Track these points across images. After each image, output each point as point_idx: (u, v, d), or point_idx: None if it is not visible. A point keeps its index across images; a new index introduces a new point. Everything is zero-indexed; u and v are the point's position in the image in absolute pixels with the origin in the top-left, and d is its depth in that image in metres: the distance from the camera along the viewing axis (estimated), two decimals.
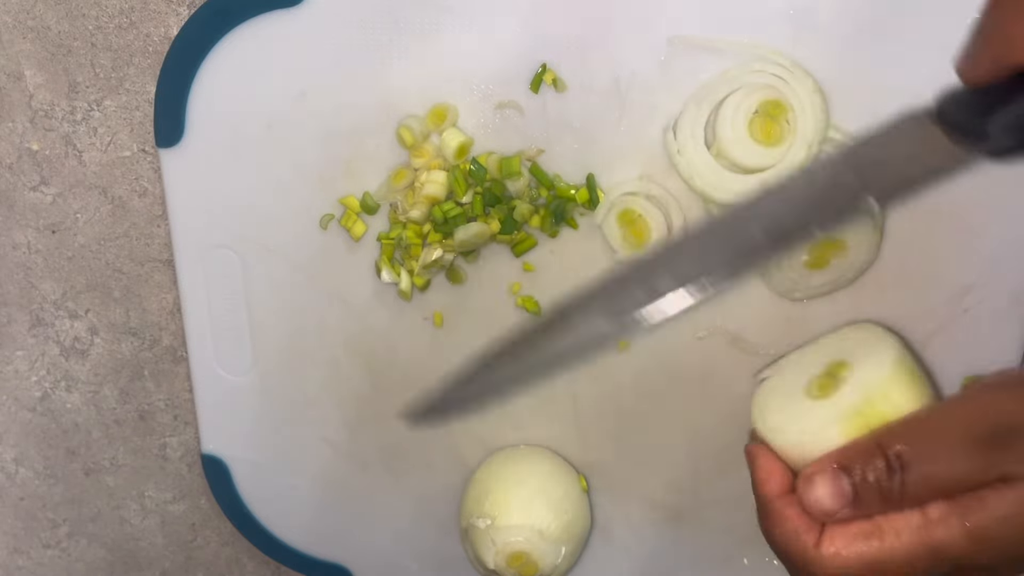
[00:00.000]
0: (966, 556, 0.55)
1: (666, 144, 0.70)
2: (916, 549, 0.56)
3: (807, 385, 0.69)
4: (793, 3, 0.66)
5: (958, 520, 0.55)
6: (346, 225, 0.76)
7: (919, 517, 0.56)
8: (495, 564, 0.77)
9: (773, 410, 0.68)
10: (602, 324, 0.58)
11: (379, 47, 0.71)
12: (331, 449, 0.85)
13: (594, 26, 0.69)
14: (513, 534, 0.76)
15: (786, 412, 0.67)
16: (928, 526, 0.56)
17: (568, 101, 0.71)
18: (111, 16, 0.76)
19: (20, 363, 0.91)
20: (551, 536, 0.77)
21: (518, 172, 0.72)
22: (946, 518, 0.55)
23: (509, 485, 0.79)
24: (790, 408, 0.68)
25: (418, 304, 0.78)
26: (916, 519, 0.56)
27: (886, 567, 0.56)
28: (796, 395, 0.69)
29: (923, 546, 0.55)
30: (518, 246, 0.75)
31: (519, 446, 0.82)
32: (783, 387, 0.71)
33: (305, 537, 0.89)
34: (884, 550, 0.56)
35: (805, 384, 0.69)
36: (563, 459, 0.81)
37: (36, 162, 0.82)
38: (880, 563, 0.56)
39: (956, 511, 0.55)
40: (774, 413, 0.68)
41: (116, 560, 0.99)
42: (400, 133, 0.72)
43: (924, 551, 0.55)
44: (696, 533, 0.82)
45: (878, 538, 0.56)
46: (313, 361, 0.82)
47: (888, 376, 0.66)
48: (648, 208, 0.72)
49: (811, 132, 0.68)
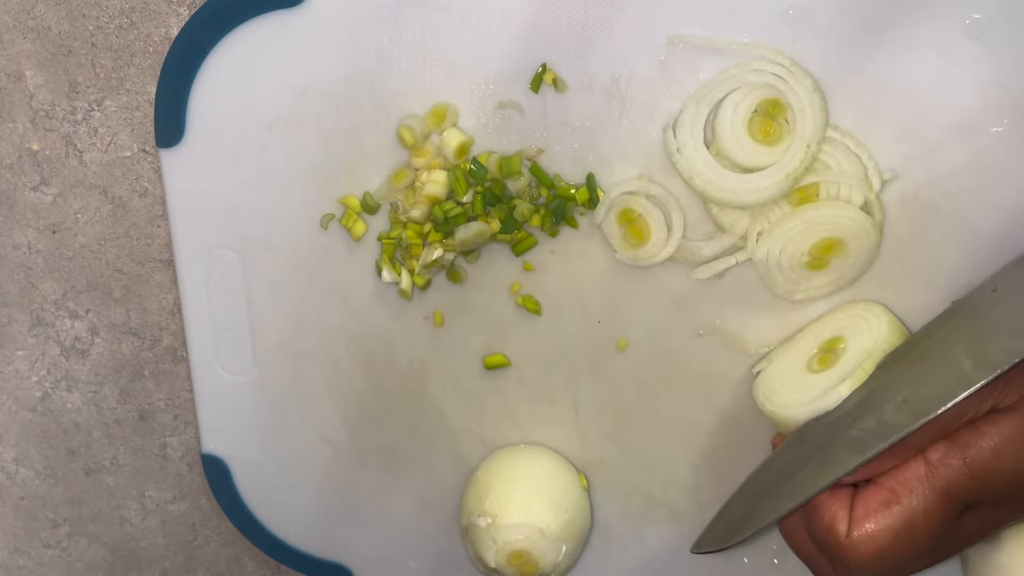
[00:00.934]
0: (971, 492, 0.57)
1: (666, 143, 0.70)
2: (929, 497, 0.56)
3: (807, 362, 0.70)
4: (793, 3, 0.66)
5: (958, 458, 0.56)
6: (347, 225, 0.76)
7: (923, 465, 0.57)
8: (496, 563, 0.77)
9: (779, 391, 0.69)
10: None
11: (379, 47, 0.71)
12: (331, 448, 0.85)
13: (594, 26, 0.69)
14: (514, 532, 0.76)
15: (792, 389, 0.68)
16: (932, 471, 0.56)
17: (568, 101, 0.71)
18: (112, 16, 0.76)
19: (20, 363, 0.91)
20: (552, 534, 0.77)
21: (518, 172, 0.72)
22: (946, 458, 0.56)
23: (509, 483, 0.79)
24: (795, 385, 0.68)
25: (418, 303, 0.78)
26: (921, 468, 0.57)
27: (913, 527, 0.57)
28: (798, 374, 0.70)
29: (933, 491, 0.56)
30: (518, 245, 0.75)
31: (520, 445, 0.82)
32: (782, 372, 0.72)
33: (305, 536, 0.89)
34: (905, 510, 0.57)
35: (804, 363, 0.70)
36: (563, 457, 0.82)
37: (36, 162, 0.82)
38: (907, 526, 0.57)
39: (954, 449, 0.56)
40: (781, 393, 0.69)
41: (116, 560, 0.99)
42: (400, 133, 0.72)
43: (935, 496, 0.56)
44: (696, 532, 0.82)
45: (896, 502, 0.57)
46: (313, 361, 0.82)
47: (886, 336, 0.67)
48: (648, 207, 0.72)
49: (810, 132, 0.68)
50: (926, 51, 0.66)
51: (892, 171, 0.69)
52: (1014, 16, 0.64)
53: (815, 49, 0.67)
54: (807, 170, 0.69)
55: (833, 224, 0.70)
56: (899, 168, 0.69)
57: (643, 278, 0.75)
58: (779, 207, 0.71)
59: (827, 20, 0.67)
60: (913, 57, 0.66)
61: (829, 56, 0.68)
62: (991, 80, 0.66)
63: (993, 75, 0.66)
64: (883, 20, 0.66)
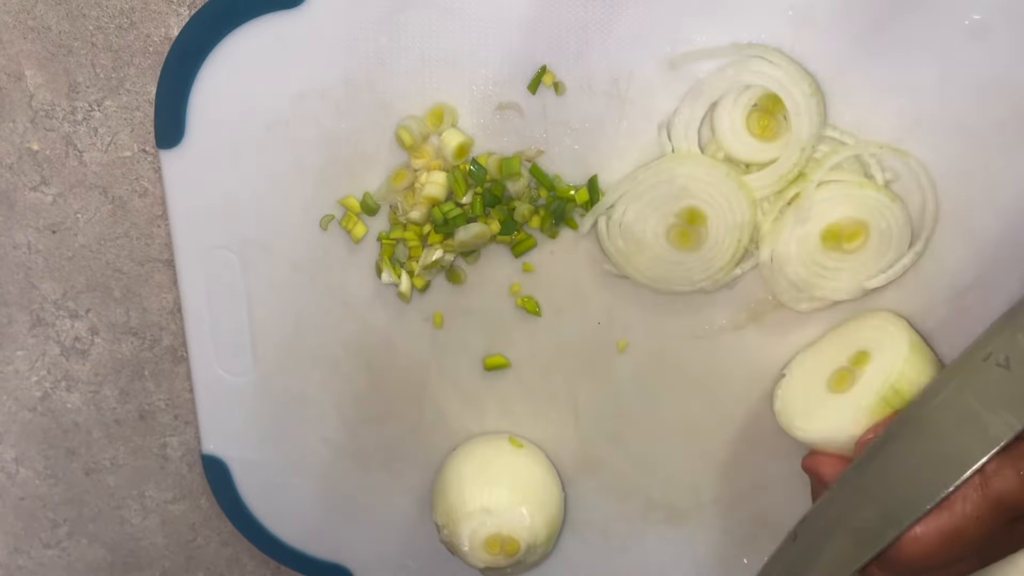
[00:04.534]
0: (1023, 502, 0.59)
1: (660, 144, 0.70)
2: (981, 506, 0.58)
3: (828, 380, 0.70)
4: (793, 4, 0.66)
5: (1012, 469, 0.58)
6: (346, 226, 0.76)
7: (977, 476, 0.59)
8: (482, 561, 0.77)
9: (802, 414, 0.70)
10: None
11: (379, 48, 0.71)
12: (331, 449, 0.85)
13: (594, 27, 0.69)
14: (470, 525, 0.76)
15: (817, 415, 0.69)
16: (987, 482, 0.58)
17: (568, 102, 0.71)
18: (112, 16, 0.76)
19: (20, 363, 0.91)
20: (503, 505, 0.76)
21: (518, 173, 0.72)
22: (1000, 469, 0.58)
23: (447, 488, 0.79)
24: (819, 409, 0.69)
25: (418, 304, 0.78)
26: (975, 478, 0.59)
27: (964, 533, 0.59)
28: (820, 393, 0.70)
29: (986, 500, 0.58)
30: (518, 247, 0.75)
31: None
32: (803, 390, 0.72)
33: (305, 537, 0.89)
34: (956, 516, 0.59)
35: (825, 379, 0.70)
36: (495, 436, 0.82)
37: (36, 162, 0.82)
38: (957, 531, 0.59)
39: (1009, 461, 0.58)
40: (805, 418, 0.70)
41: (116, 560, 0.99)
42: (399, 134, 0.72)
43: (988, 506, 0.58)
44: (695, 533, 0.82)
45: (948, 507, 0.59)
46: (313, 361, 0.82)
47: (906, 360, 0.67)
48: None
49: (806, 134, 0.68)
50: (926, 51, 0.66)
51: (892, 171, 0.69)
52: (1014, 16, 0.64)
53: (815, 49, 0.68)
54: (801, 172, 0.69)
55: (851, 203, 0.69)
56: (899, 168, 0.69)
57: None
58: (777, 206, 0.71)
59: (827, 20, 0.67)
60: (913, 57, 0.66)
61: (829, 56, 0.68)
62: (991, 80, 0.66)
63: (993, 75, 0.66)
64: (883, 20, 0.66)
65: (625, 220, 0.72)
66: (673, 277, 0.73)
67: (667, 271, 0.73)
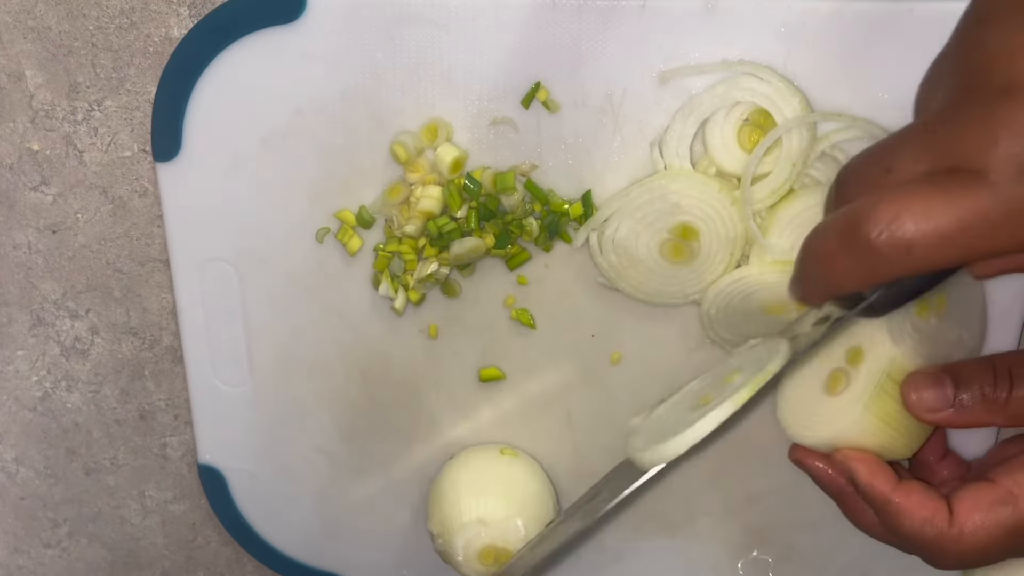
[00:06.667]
0: None
1: (652, 160, 0.71)
2: None
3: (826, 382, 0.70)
4: (785, 20, 0.66)
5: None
6: (342, 239, 0.76)
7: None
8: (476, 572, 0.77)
9: (806, 422, 0.69)
10: None
11: (375, 63, 0.71)
12: (327, 459, 0.85)
13: (588, 43, 0.69)
14: (465, 536, 0.77)
15: (819, 420, 0.69)
16: None
17: (562, 117, 0.71)
18: (112, 16, 0.76)
19: (20, 363, 0.91)
20: (498, 517, 0.77)
21: (512, 187, 0.72)
22: None
23: (443, 496, 0.79)
24: (820, 414, 0.69)
25: (413, 317, 0.79)
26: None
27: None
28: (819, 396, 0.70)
29: None
30: (512, 260, 0.75)
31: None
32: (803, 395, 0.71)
33: (301, 546, 0.90)
34: (1020, 512, 0.58)
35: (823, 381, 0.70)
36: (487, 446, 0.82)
37: (36, 162, 0.82)
38: (1021, 525, 0.58)
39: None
40: (808, 425, 0.69)
41: (116, 560, 1.00)
42: (394, 149, 0.72)
43: None
44: (689, 543, 0.83)
45: (1012, 502, 0.58)
46: (309, 372, 0.82)
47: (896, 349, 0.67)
48: None
49: (796, 151, 0.68)
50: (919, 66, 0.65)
51: None
52: None
53: (807, 66, 0.68)
54: (792, 188, 0.69)
55: None
56: None
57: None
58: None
59: (818, 37, 0.67)
60: (906, 72, 0.66)
61: (821, 73, 0.68)
62: None
63: None
64: (875, 36, 0.66)
65: (618, 236, 0.72)
66: (666, 290, 0.73)
67: (660, 285, 0.73)
